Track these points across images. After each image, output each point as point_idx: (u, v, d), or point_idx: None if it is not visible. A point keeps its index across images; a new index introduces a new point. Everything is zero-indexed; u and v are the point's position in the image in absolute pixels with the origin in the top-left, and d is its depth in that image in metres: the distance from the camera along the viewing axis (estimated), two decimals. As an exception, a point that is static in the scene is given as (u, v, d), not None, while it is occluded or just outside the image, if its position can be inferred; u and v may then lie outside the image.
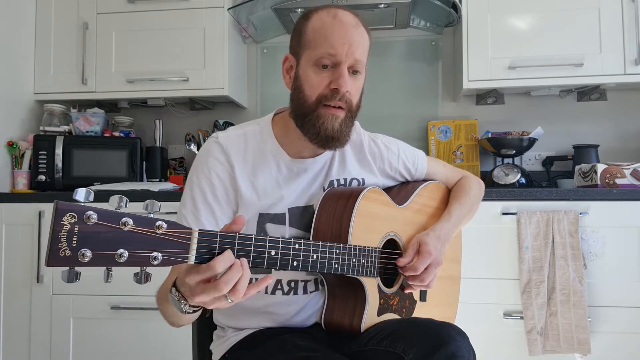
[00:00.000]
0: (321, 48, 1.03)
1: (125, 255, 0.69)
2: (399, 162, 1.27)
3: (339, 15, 1.05)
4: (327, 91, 1.03)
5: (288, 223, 1.10)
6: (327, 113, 1.04)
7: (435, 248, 1.13)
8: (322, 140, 1.06)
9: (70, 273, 0.68)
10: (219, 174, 1.08)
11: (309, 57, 1.05)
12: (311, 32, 1.06)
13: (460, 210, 1.28)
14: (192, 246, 0.75)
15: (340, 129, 1.05)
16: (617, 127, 2.45)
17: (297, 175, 1.13)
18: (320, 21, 1.05)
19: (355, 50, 1.03)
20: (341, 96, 1.03)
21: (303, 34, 1.07)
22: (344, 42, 1.02)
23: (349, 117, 1.07)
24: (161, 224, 0.72)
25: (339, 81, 1.02)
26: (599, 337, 1.86)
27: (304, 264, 0.94)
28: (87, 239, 0.66)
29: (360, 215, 1.07)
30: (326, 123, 1.04)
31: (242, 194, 1.08)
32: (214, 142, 1.11)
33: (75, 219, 0.65)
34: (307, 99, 1.05)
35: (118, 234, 0.69)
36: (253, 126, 1.15)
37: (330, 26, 1.04)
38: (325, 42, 1.03)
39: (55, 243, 0.64)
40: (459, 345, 0.94)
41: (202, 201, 1.06)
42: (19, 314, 2.10)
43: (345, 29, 1.04)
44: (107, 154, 2.37)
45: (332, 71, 1.03)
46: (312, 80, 1.04)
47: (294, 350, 1.00)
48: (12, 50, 2.37)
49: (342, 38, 1.03)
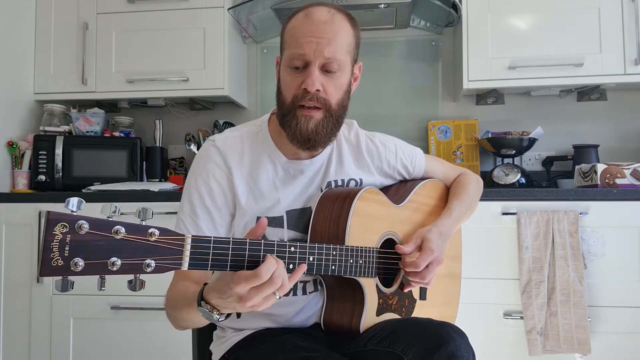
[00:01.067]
0: (291, 49, 1.03)
1: (118, 264, 0.69)
2: (396, 160, 1.26)
3: (310, 13, 1.04)
4: (300, 91, 1.03)
5: (286, 226, 1.10)
6: (301, 114, 1.04)
7: (437, 245, 1.13)
8: (299, 141, 1.06)
9: (64, 282, 0.68)
10: (217, 178, 1.08)
11: (284, 59, 1.06)
12: (287, 33, 1.07)
13: (460, 206, 1.28)
14: (185, 252, 0.76)
15: (316, 130, 1.04)
16: (617, 127, 2.45)
17: (294, 177, 1.13)
18: (294, 22, 1.06)
19: (324, 48, 1.01)
20: (312, 96, 1.02)
21: (282, 35, 1.09)
22: (310, 41, 1.01)
23: (328, 117, 1.05)
24: (153, 231, 0.72)
25: (307, 81, 1.02)
26: (599, 337, 1.86)
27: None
28: (79, 248, 0.67)
29: (357, 216, 1.07)
30: (300, 124, 1.04)
31: (240, 197, 1.08)
32: (211, 146, 1.11)
33: (67, 228, 0.66)
34: (284, 100, 1.06)
35: (110, 242, 0.69)
36: (250, 127, 1.15)
37: (299, 26, 1.04)
38: (295, 42, 1.03)
39: (48, 253, 0.64)
40: (459, 345, 0.94)
41: (200, 206, 1.06)
42: (19, 314, 2.10)
43: (315, 26, 1.02)
44: (107, 154, 2.37)
45: (302, 72, 1.03)
46: (287, 81, 1.05)
47: (294, 350, 1.00)
48: (12, 50, 2.37)
49: (309, 37, 1.01)
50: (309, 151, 1.10)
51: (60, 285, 0.68)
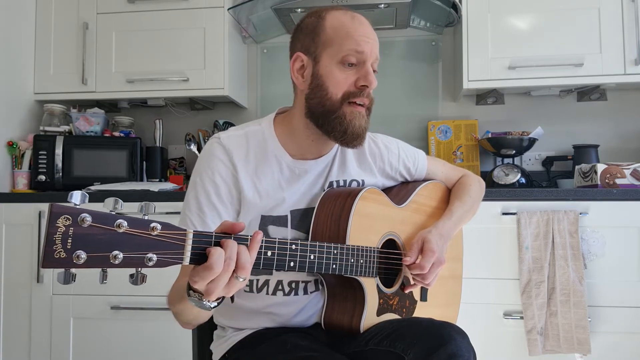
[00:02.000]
0: (347, 45, 1.04)
1: (120, 257, 0.69)
2: (399, 162, 1.27)
3: (357, 16, 1.08)
4: (354, 88, 1.04)
5: (290, 225, 1.10)
6: (354, 111, 1.05)
7: (438, 246, 1.13)
8: (349, 137, 1.06)
9: (66, 275, 0.69)
10: (222, 175, 1.07)
11: (331, 55, 1.05)
12: (331, 30, 1.05)
13: (461, 208, 1.28)
14: (186, 247, 0.76)
15: (365, 127, 1.08)
16: (617, 127, 2.45)
17: (298, 176, 1.12)
18: (338, 20, 1.06)
19: (376, 49, 1.07)
20: (367, 93, 1.05)
21: (320, 32, 1.06)
22: (368, 40, 1.05)
23: (368, 113, 1.09)
24: (155, 225, 0.73)
25: (368, 78, 1.04)
26: (599, 337, 1.86)
27: (301, 264, 0.94)
28: (82, 240, 0.67)
29: (358, 216, 1.07)
30: (354, 120, 1.05)
31: (245, 195, 1.07)
32: (216, 143, 1.10)
33: (69, 221, 0.66)
34: (331, 96, 1.05)
35: (112, 235, 0.69)
36: (254, 126, 1.14)
37: (351, 25, 1.05)
38: (350, 40, 1.04)
39: (50, 245, 0.65)
40: (459, 345, 0.94)
41: (207, 203, 1.06)
42: (19, 314, 2.10)
43: (367, 28, 1.07)
44: (107, 154, 2.37)
45: (357, 69, 1.05)
46: (337, 78, 1.04)
47: (294, 350, 1.00)
48: (12, 50, 2.37)
49: (366, 36, 1.05)
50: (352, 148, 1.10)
51: (62, 277, 0.68)
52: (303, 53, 1.08)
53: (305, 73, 1.08)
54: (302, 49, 1.09)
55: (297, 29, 1.12)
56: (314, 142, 1.11)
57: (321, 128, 1.07)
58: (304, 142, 1.11)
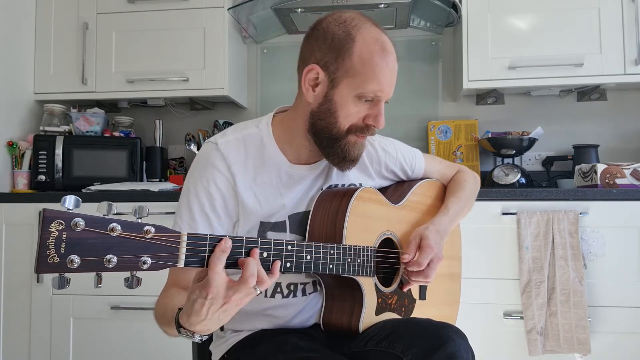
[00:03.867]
0: (370, 85, 1.00)
1: (114, 261, 0.69)
2: (396, 164, 1.27)
3: (386, 48, 1.02)
4: (362, 123, 1.04)
5: (289, 230, 1.10)
6: (357, 141, 1.06)
7: (436, 242, 1.13)
8: (345, 163, 1.08)
9: (60, 279, 0.69)
10: (219, 185, 1.04)
11: (351, 87, 1.01)
12: (359, 62, 1.00)
13: (457, 204, 1.28)
14: (181, 249, 0.76)
15: (362, 152, 1.10)
16: (617, 127, 2.45)
17: (297, 182, 1.12)
18: (369, 51, 1.00)
19: (392, 90, 1.05)
20: (373, 132, 1.07)
21: (346, 57, 1.00)
22: (389, 83, 1.03)
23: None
24: (149, 228, 0.73)
25: (378, 119, 1.04)
26: (599, 337, 1.86)
27: (297, 265, 0.93)
28: (75, 245, 0.67)
29: (355, 215, 1.07)
30: (353, 150, 1.06)
31: (245, 204, 1.05)
32: (213, 149, 1.06)
33: (62, 225, 0.66)
34: (338, 126, 1.03)
35: (106, 239, 0.69)
36: (252, 129, 1.11)
37: (380, 62, 1.00)
38: (375, 80, 1.00)
39: (44, 250, 0.65)
40: (458, 346, 0.94)
41: (200, 213, 1.04)
42: (19, 314, 2.10)
43: (392, 68, 1.03)
44: (107, 154, 2.37)
45: (370, 105, 1.04)
46: (350, 110, 1.03)
47: (294, 350, 1.00)
48: (12, 50, 2.37)
49: (391, 79, 1.04)
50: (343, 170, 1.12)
51: (57, 282, 0.68)
52: (321, 68, 1.02)
53: (318, 89, 1.03)
54: (320, 62, 1.02)
55: (318, 35, 1.04)
56: (312, 151, 1.10)
57: (320, 147, 1.07)
58: (302, 148, 1.10)
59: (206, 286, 0.78)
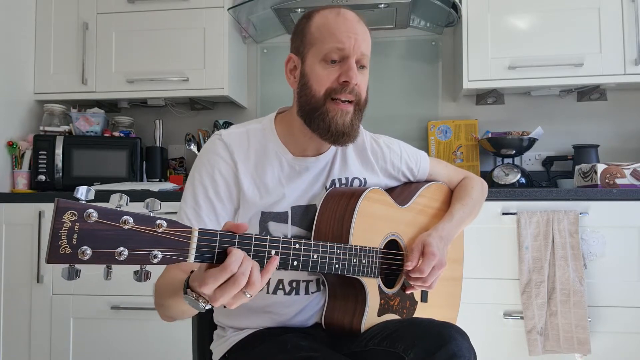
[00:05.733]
0: (328, 43, 1.04)
1: (125, 254, 0.69)
2: (401, 162, 1.27)
3: (342, 12, 1.08)
4: (336, 84, 1.04)
5: (290, 222, 1.10)
6: (336, 108, 1.05)
7: (439, 249, 1.13)
8: (333, 135, 1.06)
9: (70, 270, 0.68)
10: (222, 172, 1.08)
11: (315, 54, 1.06)
12: (316, 29, 1.07)
13: (462, 210, 1.28)
14: (191, 245, 0.75)
15: (351, 124, 1.07)
16: (617, 127, 2.45)
17: (299, 173, 1.13)
18: (324, 19, 1.07)
19: (361, 44, 1.05)
20: (351, 89, 1.04)
21: (307, 32, 1.08)
22: (350, 36, 1.04)
23: (358, 111, 1.08)
24: (161, 222, 0.72)
25: (349, 73, 1.03)
26: (599, 337, 1.86)
27: (304, 263, 0.94)
28: (88, 236, 0.66)
29: (362, 216, 1.07)
30: (336, 117, 1.05)
31: (245, 192, 1.08)
32: (217, 140, 1.11)
33: (75, 216, 0.65)
34: (315, 93, 1.06)
35: (118, 232, 0.69)
36: (255, 124, 1.15)
37: (335, 22, 1.06)
38: (332, 37, 1.04)
39: (56, 240, 0.64)
40: (460, 345, 0.94)
41: (204, 198, 1.06)
42: (19, 314, 2.10)
43: (351, 23, 1.06)
44: (107, 154, 2.37)
45: (340, 65, 1.05)
46: (320, 75, 1.05)
47: (295, 350, 1.00)
48: (12, 50, 2.36)
49: (348, 32, 1.04)
50: (340, 146, 1.11)
51: (67, 273, 0.68)
52: (294, 54, 1.11)
53: (296, 73, 1.10)
54: (293, 50, 1.12)
55: (292, 31, 1.14)
56: (312, 139, 1.11)
57: (309, 126, 1.07)
58: (302, 139, 1.12)
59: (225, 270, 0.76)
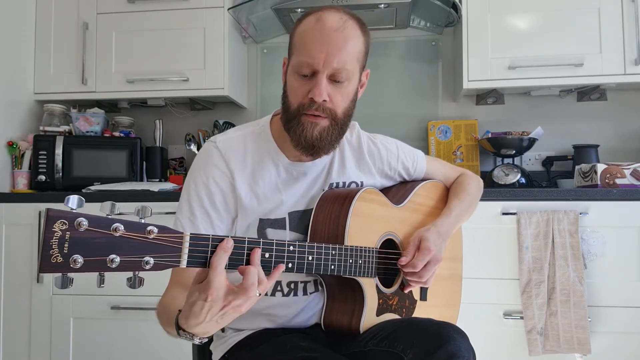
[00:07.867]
0: (300, 56, 1.01)
1: (117, 261, 0.70)
2: (397, 162, 1.27)
3: (322, 18, 1.00)
4: (306, 100, 1.01)
5: (288, 227, 1.10)
6: (306, 120, 1.02)
7: (436, 244, 1.13)
8: (303, 147, 1.04)
9: (63, 279, 0.69)
10: (218, 181, 1.07)
11: (293, 64, 1.03)
12: (297, 38, 1.03)
13: (459, 206, 1.28)
14: (183, 250, 0.76)
15: (320, 137, 1.03)
16: (617, 127, 2.45)
17: (296, 179, 1.12)
18: (305, 26, 1.02)
19: (333, 59, 0.98)
20: (317, 106, 1.00)
21: (292, 39, 1.05)
22: (321, 51, 0.98)
23: (334, 125, 1.04)
24: (152, 228, 0.73)
25: (314, 91, 0.99)
26: (599, 337, 1.86)
27: (299, 265, 0.94)
28: (79, 245, 0.67)
29: (357, 216, 1.07)
30: (305, 130, 1.02)
31: (243, 200, 1.07)
32: (213, 147, 1.09)
33: (66, 225, 0.66)
34: (290, 105, 1.04)
35: (109, 239, 0.70)
36: (252, 128, 1.15)
37: (310, 32, 1.00)
38: (305, 49, 1.00)
39: (47, 250, 0.65)
40: (459, 345, 0.94)
41: (199, 208, 1.06)
42: (19, 314, 2.10)
43: (326, 34, 0.98)
44: (107, 154, 2.37)
45: (309, 80, 1.01)
46: (294, 87, 1.03)
47: (294, 350, 1.00)
48: (12, 50, 2.37)
49: (319, 46, 0.98)
50: (311, 156, 1.09)
51: (60, 282, 0.68)
52: (287, 57, 1.09)
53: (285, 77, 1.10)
54: (287, 54, 1.09)
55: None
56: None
57: (288, 134, 1.06)
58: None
59: (206, 287, 0.78)
